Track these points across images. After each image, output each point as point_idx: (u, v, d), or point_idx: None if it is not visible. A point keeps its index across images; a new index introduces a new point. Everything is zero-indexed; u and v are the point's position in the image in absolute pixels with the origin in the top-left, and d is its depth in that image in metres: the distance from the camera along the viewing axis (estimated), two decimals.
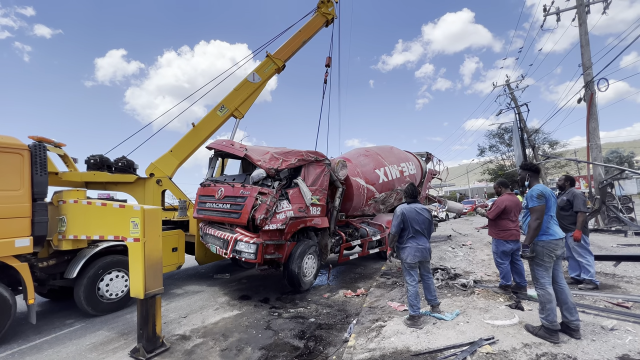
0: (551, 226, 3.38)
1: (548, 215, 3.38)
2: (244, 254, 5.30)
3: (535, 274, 3.39)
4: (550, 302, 3.23)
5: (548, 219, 3.38)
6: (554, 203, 3.46)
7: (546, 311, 3.26)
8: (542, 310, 3.30)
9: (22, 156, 4.44)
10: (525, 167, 3.78)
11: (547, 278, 3.31)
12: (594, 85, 11.56)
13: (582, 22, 12.32)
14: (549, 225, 3.37)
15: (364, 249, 7.59)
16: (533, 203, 3.41)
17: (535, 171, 3.70)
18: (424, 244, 4.05)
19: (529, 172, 3.72)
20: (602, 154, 11.80)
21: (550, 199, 3.40)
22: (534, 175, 3.69)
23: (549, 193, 3.41)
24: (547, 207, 3.39)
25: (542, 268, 3.34)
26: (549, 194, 3.40)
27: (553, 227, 3.38)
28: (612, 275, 5.43)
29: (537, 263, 3.37)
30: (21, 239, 4.29)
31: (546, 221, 3.37)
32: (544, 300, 3.28)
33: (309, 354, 3.66)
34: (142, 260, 3.69)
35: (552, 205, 3.43)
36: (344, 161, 6.94)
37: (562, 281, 3.39)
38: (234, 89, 8.94)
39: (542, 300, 3.30)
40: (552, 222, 3.41)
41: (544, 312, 3.27)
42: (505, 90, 23.85)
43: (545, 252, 3.31)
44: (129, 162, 7.44)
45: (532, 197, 3.44)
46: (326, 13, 10.45)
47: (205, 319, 4.82)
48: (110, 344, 4.10)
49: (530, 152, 24.51)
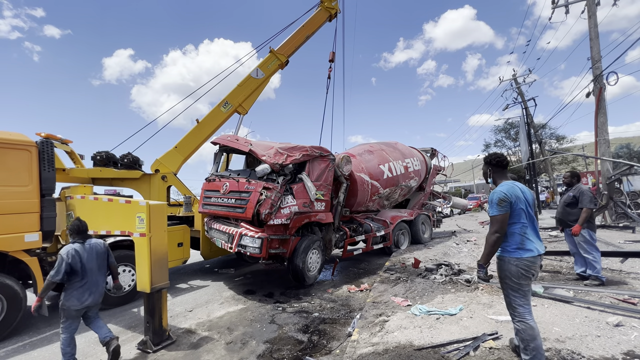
0: (527, 241, 2.57)
1: (520, 223, 2.58)
2: (249, 249, 5.34)
3: (510, 300, 2.61)
4: (535, 339, 2.48)
5: (522, 229, 2.58)
6: (525, 206, 2.61)
7: (530, 352, 2.48)
8: (525, 351, 2.52)
9: (30, 152, 4.50)
10: (486, 161, 2.92)
11: (526, 307, 2.56)
12: (603, 79, 11.35)
13: (591, 14, 12.06)
14: (523, 237, 2.57)
15: (368, 245, 7.60)
16: (492, 211, 2.61)
17: (499, 166, 2.85)
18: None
19: (490, 166, 2.88)
20: (610, 149, 11.61)
21: (518, 203, 2.57)
22: (499, 170, 2.86)
23: (515, 195, 2.59)
24: (516, 214, 2.58)
25: (518, 293, 2.57)
26: (517, 196, 2.59)
27: (529, 242, 2.57)
28: (618, 271, 5.38)
29: (510, 287, 2.59)
30: (30, 234, 4.38)
31: (519, 232, 2.57)
32: (526, 338, 2.50)
33: (313, 348, 3.69)
34: (148, 255, 3.74)
35: (521, 210, 2.58)
36: (348, 157, 6.93)
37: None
38: (238, 85, 8.94)
39: (524, 337, 2.52)
40: (529, 231, 2.59)
41: (528, 353, 2.49)
42: (512, 84, 23.50)
43: (521, 273, 2.53)
44: (135, 159, 7.51)
45: (491, 202, 2.64)
46: (329, 7, 10.36)
47: (210, 313, 4.88)
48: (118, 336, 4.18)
49: (537, 148, 24.24)
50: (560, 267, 5.90)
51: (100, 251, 3.49)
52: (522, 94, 22.88)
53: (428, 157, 10.81)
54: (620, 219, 10.96)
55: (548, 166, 28.36)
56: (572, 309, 3.83)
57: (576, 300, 4.06)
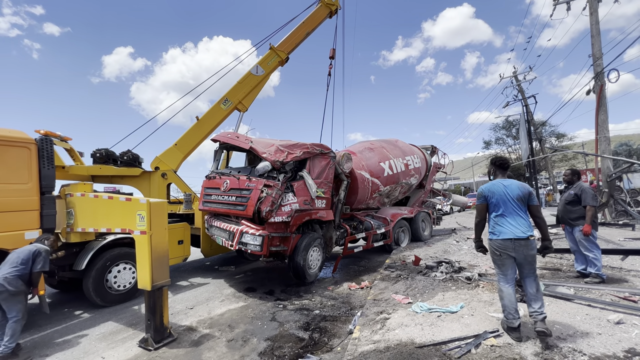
0: (497, 226, 3.23)
1: (498, 214, 3.23)
2: (250, 246, 5.34)
3: (495, 269, 3.38)
4: (502, 298, 3.20)
5: (496, 218, 3.24)
6: (502, 201, 3.21)
7: (502, 308, 3.24)
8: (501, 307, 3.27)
9: (30, 150, 4.48)
10: (491, 161, 3.61)
11: (500, 275, 3.26)
12: (604, 76, 11.31)
13: (593, 11, 12.00)
14: (494, 225, 3.25)
15: (369, 242, 7.60)
16: (477, 202, 3.42)
17: (500, 167, 3.48)
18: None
19: (494, 166, 3.54)
20: (610, 146, 11.59)
21: (492, 197, 3.25)
22: (499, 170, 3.48)
23: (491, 191, 3.26)
24: (492, 206, 3.26)
25: (496, 265, 3.31)
26: (492, 192, 3.25)
27: (499, 227, 3.22)
28: (619, 268, 5.38)
29: (492, 260, 3.36)
30: (31, 232, 4.37)
31: (493, 220, 3.27)
32: (500, 296, 3.26)
33: (314, 346, 3.70)
34: (149, 253, 3.73)
35: (496, 204, 3.24)
36: (349, 154, 6.92)
37: (527, 278, 3.19)
38: (238, 82, 8.90)
39: (499, 296, 3.28)
40: (502, 220, 3.21)
41: (501, 307, 3.25)
42: (513, 82, 23.44)
43: (493, 251, 3.24)
44: (135, 156, 7.49)
45: (477, 195, 3.44)
46: (330, 4, 10.30)
47: (211, 311, 4.89)
48: (119, 334, 4.18)
49: (537, 145, 24.21)
50: (560, 265, 5.90)
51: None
52: (522, 91, 22.83)
53: (428, 154, 10.79)
54: (620, 217, 10.97)
55: (548, 164, 28.36)
56: (572, 306, 3.84)
57: (577, 298, 4.06)
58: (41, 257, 3.79)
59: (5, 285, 3.51)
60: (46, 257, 3.85)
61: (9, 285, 3.53)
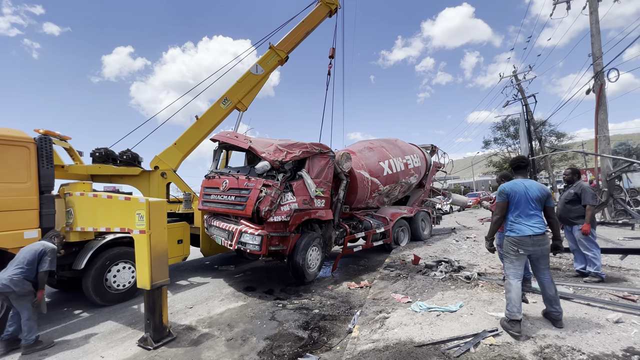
0: (515, 224, 3.38)
1: (517, 213, 3.38)
2: (249, 246, 5.34)
3: (503, 264, 3.59)
4: (509, 292, 3.30)
5: (515, 217, 3.39)
6: (522, 201, 3.37)
7: (506, 301, 3.33)
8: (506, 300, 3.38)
9: (29, 149, 4.48)
10: (511, 164, 3.84)
11: (511, 270, 3.38)
12: (604, 75, 11.31)
13: (593, 10, 12.00)
14: (512, 223, 3.40)
15: (368, 242, 7.61)
16: (497, 199, 3.59)
17: (516, 168, 3.69)
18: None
19: (511, 167, 3.81)
20: (610, 146, 11.60)
21: (514, 197, 3.39)
22: (517, 171, 3.69)
23: (514, 190, 3.40)
24: (512, 204, 3.42)
25: (507, 260, 3.45)
26: (514, 192, 3.40)
27: (517, 225, 3.37)
28: (618, 268, 5.39)
29: (504, 255, 3.55)
30: (30, 231, 4.37)
31: (511, 218, 3.42)
32: (506, 290, 3.37)
33: (314, 345, 3.70)
34: (148, 252, 3.73)
35: (517, 202, 3.39)
36: (348, 154, 6.91)
37: (543, 275, 3.39)
38: (237, 81, 8.89)
39: (505, 289, 3.38)
40: (520, 219, 3.37)
41: (506, 301, 3.34)
42: (512, 81, 23.41)
43: (510, 247, 3.38)
44: (134, 155, 7.48)
45: (498, 192, 3.62)
46: (329, 3, 10.28)
47: (210, 310, 4.89)
48: (118, 333, 4.19)
49: (536, 145, 24.19)
50: (559, 264, 5.91)
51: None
52: (522, 91, 22.80)
53: (428, 154, 10.79)
54: (620, 216, 10.98)
55: (548, 163, 28.36)
56: (572, 305, 3.84)
57: (576, 297, 4.07)
58: (47, 256, 3.78)
59: (11, 287, 3.52)
60: (53, 257, 3.84)
61: (15, 286, 3.53)
